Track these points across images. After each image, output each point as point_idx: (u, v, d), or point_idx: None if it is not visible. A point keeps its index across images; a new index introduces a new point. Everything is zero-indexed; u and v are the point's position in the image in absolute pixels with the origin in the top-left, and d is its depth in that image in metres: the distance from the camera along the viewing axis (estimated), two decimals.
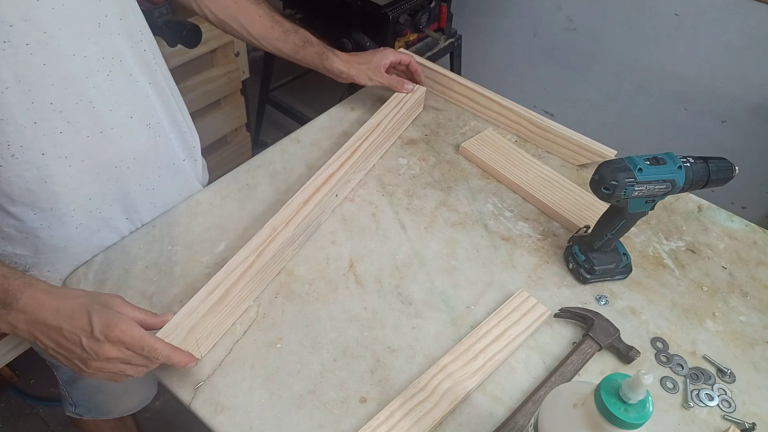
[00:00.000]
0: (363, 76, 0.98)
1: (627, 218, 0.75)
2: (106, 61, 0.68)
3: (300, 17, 1.83)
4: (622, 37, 1.80)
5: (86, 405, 0.99)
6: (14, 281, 0.58)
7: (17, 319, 0.58)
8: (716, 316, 0.79)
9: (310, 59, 0.96)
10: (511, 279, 0.81)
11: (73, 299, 0.59)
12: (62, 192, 0.71)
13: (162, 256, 0.80)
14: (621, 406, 0.43)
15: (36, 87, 0.62)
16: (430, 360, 0.70)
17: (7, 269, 0.58)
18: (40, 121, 0.65)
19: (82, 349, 0.57)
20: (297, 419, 0.64)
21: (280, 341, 0.71)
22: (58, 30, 0.61)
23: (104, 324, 0.57)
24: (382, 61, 0.99)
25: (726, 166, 0.72)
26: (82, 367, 0.59)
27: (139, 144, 0.77)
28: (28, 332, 0.58)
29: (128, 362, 0.60)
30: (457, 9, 1.96)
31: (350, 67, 0.97)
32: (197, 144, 0.92)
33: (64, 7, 0.61)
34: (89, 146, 0.71)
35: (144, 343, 0.59)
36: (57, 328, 0.57)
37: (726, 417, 0.68)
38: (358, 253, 0.82)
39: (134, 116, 0.75)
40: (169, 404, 1.49)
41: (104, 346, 0.57)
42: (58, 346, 0.58)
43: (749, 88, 1.64)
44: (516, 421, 0.64)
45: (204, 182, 0.96)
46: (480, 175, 0.97)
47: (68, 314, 0.58)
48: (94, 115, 0.69)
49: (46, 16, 0.60)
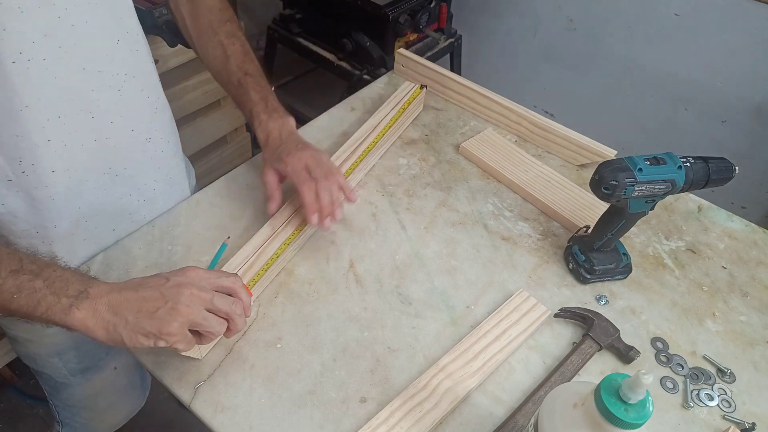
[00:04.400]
0: (266, 164, 0.81)
1: (627, 218, 0.75)
2: (120, 77, 0.69)
3: (300, 17, 1.83)
4: (622, 37, 1.79)
5: (72, 424, 0.98)
6: (76, 278, 0.57)
7: (96, 303, 0.56)
8: (716, 316, 0.79)
9: (245, 113, 0.85)
10: (511, 279, 0.81)
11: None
12: (65, 207, 0.72)
13: (162, 256, 0.80)
14: (621, 406, 0.43)
15: (49, 102, 0.63)
16: (430, 360, 0.70)
17: (65, 271, 0.58)
18: (53, 138, 0.65)
19: (165, 298, 0.56)
20: (297, 419, 0.64)
21: (280, 341, 0.71)
22: (73, 45, 0.62)
23: (179, 271, 0.59)
24: (289, 159, 0.78)
25: (726, 166, 0.72)
26: (170, 319, 0.56)
27: (134, 156, 0.77)
28: (110, 311, 0.56)
29: (211, 306, 0.58)
30: (457, 9, 1.96)
31: (265, 148, 0.81)
32: (183, 157, 0.92)
33: (87, 24, 0.62)
34: (84, 155, 0.70)
35: (221, 278, 0.60)
36: (135, 287, 0.57)
37: (726, 417, 0.68)
38: (358, 253, 0.82)
39: (135, 129, 0.75)
40: (169, 404, 1.49)
41: (184, 287, 0.57)
42: (139, 311, 0.56)
43: (749, 88, 1.64)
44: (516, 421, 0.64)
45: (193, 188, 0.96)
46: (480, 175, 0.97)
47: (142, 279, 0.59)
48: (91, 125, 0.69)
49: (65, 32, 0.60)
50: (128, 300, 0.56)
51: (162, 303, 0.56)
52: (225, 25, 0.84)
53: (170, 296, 0.57)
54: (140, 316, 0.56)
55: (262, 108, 0.81)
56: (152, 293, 0.57)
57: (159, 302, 0.56)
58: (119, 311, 0.56)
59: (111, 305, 0.56)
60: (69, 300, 0.55)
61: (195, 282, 0.59)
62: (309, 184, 0.75)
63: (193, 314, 0.57)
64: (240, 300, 0.61)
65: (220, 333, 0.60)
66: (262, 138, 0.81)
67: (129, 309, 0.56)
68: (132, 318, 0.56)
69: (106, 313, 0.56)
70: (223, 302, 0.59)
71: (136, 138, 0.76)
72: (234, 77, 0.83)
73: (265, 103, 0.82)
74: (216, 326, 0.59)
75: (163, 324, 0.56)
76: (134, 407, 1.03)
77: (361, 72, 1.71)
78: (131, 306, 0.56)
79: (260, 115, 0.81)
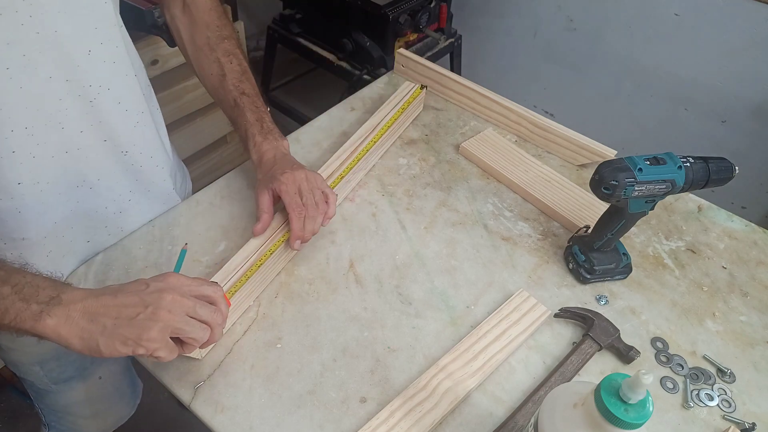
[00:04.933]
0: (260, 184, 0.80)
1: (627, 218, 0.75)
2: (93, 88, 0.66)
3: (300, 17, 1.83)
4: (622, 37, 1.80)
5: (58, 428, 0.96)
6: (48, 284, 0.55)
7: (69, 309, 0.53)
8: (716, 316, 0.79)
9: (240, 133, 0.84)
10: (511, 279, 0.81)
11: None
12: (34, 219, 0.69)
13: (162, 256, 0.80)
14: (621, 406, 0.43)
15: (13, 112, 0.60)
16: (430, 360, 0.70)
17: (36, 277, 0.55)
18: (18, 149, 0.62)
19: (145, 303, 0.54)
20: (297, 419, 0.64)
21: (280, 341, 0.71)
22: (38, 54, 0.59)
23: (159, 277, 0.58)
24: (283, 177, 0.77)
25: (726, 166, 0.72)
26: (151, 325, 0.54)
27: (107, 166, 0.74)
28: (85, 318, 0.54)
29: (193, 313, 0.56)
30: (457, 9, 1.96)
31: (258, 168, 0.81)
32: (174, 163, 0.90)
33: (55, 33, 0.59)
34: (55, 167, 0.68)
35: (202, 285, 0.58)
36: (114, 293, 0.55)
37: (726, 417, 0.68)
38: (358, 253, 0.82)
39: (108, 140, 0.72)
40: (169, 404, 1.49)
41: (166, 292, 0.55)
42: (117, 317, 0.54)
43: (749, 88, 1.64)
44: (516, 421, 0.64)
45: (188, 192, 0.94)
46: (480, 175, 0.97)
47: (120, 285, 0.57)
48: (62, 135, 0.66)
49: (30, 40, 0.58)
50: (106, 306, 0.54)
51: (142, 308, 0.54)
52: (223, 43, 0.83)
53: (151, 301, 0.55)
54: (119, 322, 0.54)
55: (257, 129, 0.81)
56: (132, 299, 0.55)
57: (139, 308, 0.54)
58: (96, 318, 0.54)
59: (87, 311, 0.54)
60: (39, 306, 0.52)
61: (176, 288, 0.57)
62: (299, 211, 0.75)
63: (174, 320, 0.55)
64: (220, 310, 0.60)
65: (203, 340, 0.58)
66: (255, 159, 0.81)
67: (107, 315, 0.54)
68: (110, 324, 0.53)
69: (80, 320, 0.53)
70: (205, 311, 0.58)
71: (110, 150, 0.73)
72: (230, 96, 0.82)
73: (260, 124, 0.82)
74: (199, 332, 0.57)
75: (144, 330, 0.54)
76: (123, 415, 1.00)
77: (361, 72, 1.71)
78: (109, 312, 0.54)
79: (255, 137, 0.81)
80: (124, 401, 0.99)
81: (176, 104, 1.52)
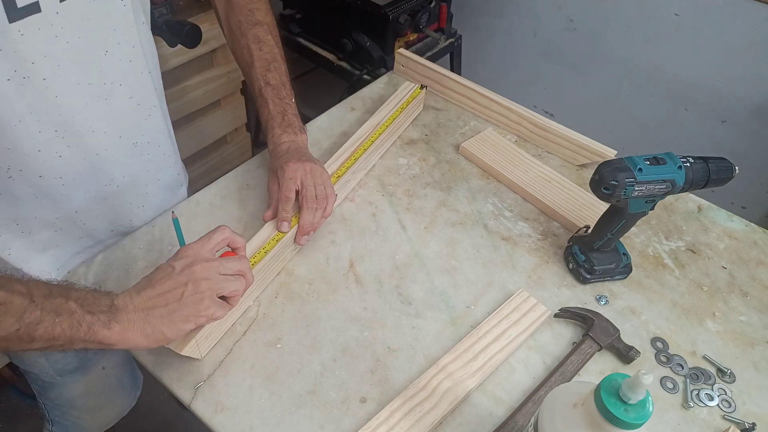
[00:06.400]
0: (271, 172, 0.83)
1: (627, 218, 0.75)
2: (107, 86, 0.69)
3: (300, 17, 1.82)
4: (622, 37, 1.79)
5: (62, 423, 0.98)
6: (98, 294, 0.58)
7: (127, 312, 0.57)
8: (716, 316, 0.79)
9: (262, 122, 0.87)
10: (511, 279, 0.81)
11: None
12: (49, 205, 0.72)
13: (162, 256, 0.80)
14: (621, 406, 0.43)
15: (45, 117, 0.63)
16: (430, 360, 0.70)
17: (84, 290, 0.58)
18: (44, 149, 0.66)
19: (182, 282, 0.58)
20: (297, 419, 0.64)
21: (280, 341, 0.71)
22: (68, 62, 0.62)
23: (176, 255, 0.61)
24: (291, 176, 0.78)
25: (726, 166, 0.72)
26: (199, 297, 0.59)
27: (132, 164, 0.78)
28: (141, 316, 0.57)
29: (223, 269, 0.61)
30: (457, 9, 1.95)
31: (271, 158, 0.84)
32: (179, 161, 0.94)
33: (80, 40, 0.62)
34: (84, 167, 0.71)
35: (209, 241, 0.62)
36: (150, 285, 0.59)
37: (726, 417, 0.68)
38: (358, 253, 0.82)
39: (123, 136, 0.75)
40: (169, 404, 1.49)
41: (193, 265, 0.59)
42: (167, 304, 0.58)
43: (749, 88, 1.64)
44: (516, 421, 0.64)
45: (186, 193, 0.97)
46: (480, 175, 0.97)
47: (148, 279, 0.60)
48: (93, 138, 0.70)
49: (61, 50, 0.61)
50: (151, 298, 0.58)
51: (183, 287, 0.59)
52: (254, 28, 0.84)
53: (186, 278, 0.59)
54: (171, 307, 0.58)
55: (278, 122, 0.84)
56: (169, 283, 0.59)
57: (180, 288, 0.59)
58: (150, 312, 0.58)
59: (139, 309, 0.57)
60: (105, 315, 0.56)
61: (197, 257, 0.61)
62: (285, 202, 0.77)
63: (214, 284, 0.60)
64: (240, 255, 0.66)
65: (244, 288, 0.63)
66: (270, 148, 0.85)
67: (157, 306, 0.58)
68: (165, 312, 0.58)
69: (138, 319, 0.57)
70: (230, 263, 0.63)
71: (125, 144, 0.76)
72: (256, 85, 0.85)
73: (282, 116, 0.84)
74: (237, 284, 0.62)
75: (196, 304, 0.59)
76: (125, 406, 1.02)
77: (361, 72, 1.71)
78: (157, 303, 0.58)
79: (275, 129, 0.84)
80: (126, 392, 1.01)
81: (176, 104, 1.51)
